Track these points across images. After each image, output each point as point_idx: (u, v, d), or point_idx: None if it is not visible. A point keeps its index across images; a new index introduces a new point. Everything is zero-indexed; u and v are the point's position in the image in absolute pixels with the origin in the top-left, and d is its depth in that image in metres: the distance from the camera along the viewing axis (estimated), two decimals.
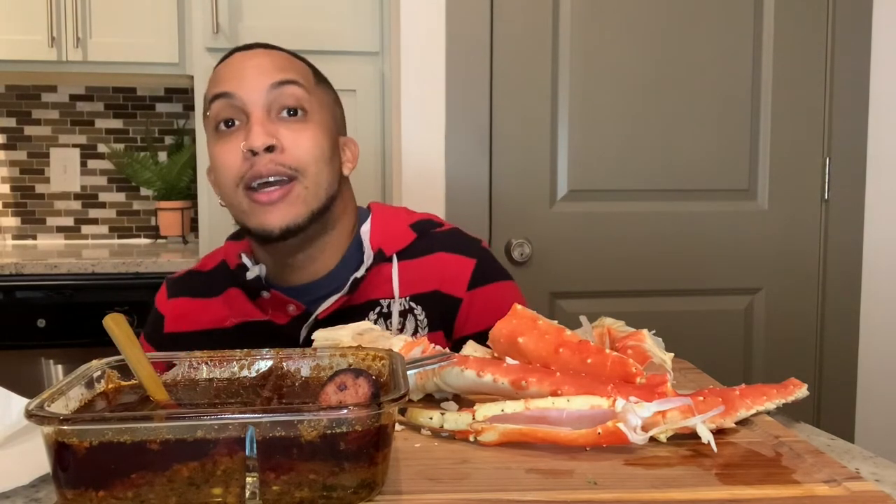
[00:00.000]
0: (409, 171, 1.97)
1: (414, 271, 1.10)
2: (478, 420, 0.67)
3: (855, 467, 0.66)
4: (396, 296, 1.08)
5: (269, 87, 1.02)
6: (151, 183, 2.78)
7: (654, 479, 0.61)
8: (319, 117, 1.06)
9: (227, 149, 1.03)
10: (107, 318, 0.67)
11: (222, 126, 1.04)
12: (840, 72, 2.06)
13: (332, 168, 1.07)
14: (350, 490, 0.56)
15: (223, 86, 1.04)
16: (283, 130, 1.02)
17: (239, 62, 1.06)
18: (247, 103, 1.02)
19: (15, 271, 2.22)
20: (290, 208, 1.02)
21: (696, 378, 0.92)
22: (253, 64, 1.05)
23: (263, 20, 2.30)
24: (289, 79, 1.04)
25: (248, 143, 1.00)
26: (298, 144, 1.02)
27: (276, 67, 1.04)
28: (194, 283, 1.17)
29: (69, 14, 2.38)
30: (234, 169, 1.02)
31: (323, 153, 1.05)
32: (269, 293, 1.09)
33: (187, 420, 0.54)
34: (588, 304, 2.02)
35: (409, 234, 1.13)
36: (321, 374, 0.71)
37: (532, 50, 1.98)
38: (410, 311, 1.08)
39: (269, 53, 1.07)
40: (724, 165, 2.07)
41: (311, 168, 1.03)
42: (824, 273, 2.11)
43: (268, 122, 1.02)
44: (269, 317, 1.09)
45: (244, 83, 1.03)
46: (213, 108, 1.04)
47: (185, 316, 1.14)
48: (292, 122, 1.03)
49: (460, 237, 1.16)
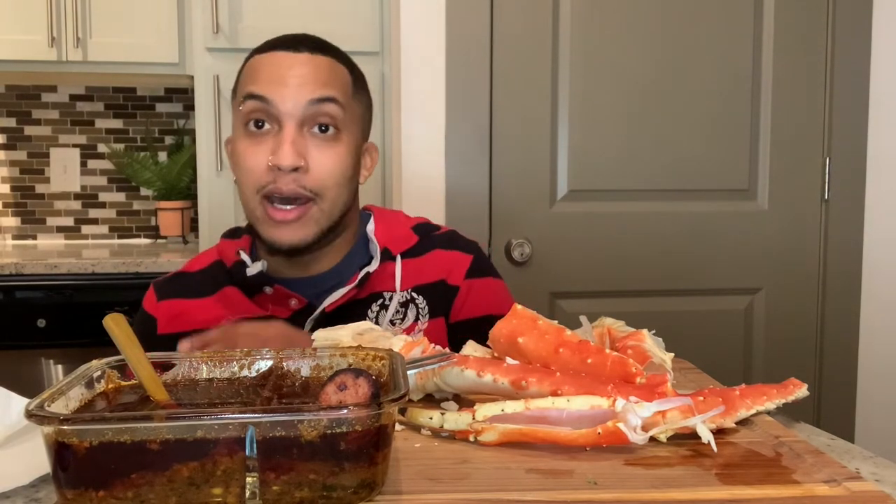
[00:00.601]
0: (410, 171, 1.98)
1: (415, 267, 1.14)
2: (478, 420, 0.67)
3: (855, 467, 0.66)
4: (398, 289, 1.11)
5: (307, 102, 1.02)
6: (151, 183, 2.78)
7: (654, 479, 0.61)
8: (349, 133, 1.07)
9: (254, 152, 1.03)
10: (107, 318, 0.67)
11: (252, 126, 1.04)
12: (840, 72, 2.06)
13: (351, 185, 1.09)
14: (350, 490, 0.56)
15: (261, 87, 1.03)
16: (311, 149, 1.03)
17: (283, 67, 1.04)
18: (282, 113, 1.02)
19: (15, 271, 2.22)
20: (302, 229, 1.04)
21: (696, 378, 0.92)
22: (296, 74, 1.03)
23: (263, 20, 2.30)
24: (328, 96, 1.03)
25: (276, 159, 1.01)
26: (324, 166, 1.03)
27: (317, 81, 1.04)
28: (184, 284, 1.16)
29: (69, 14, 2.38)
30: (258, 177, 1.03)
31: (345, 173, 1.06)
32: (271, 288, 1.09)
33: (187, 420, 0.54)
34: (588, 304, 2.02)
35: (412, 236, 1.16)
36: (321, 374, 0.71)
37: (532, 50, 1.98)
38: (412, 300, 1.11)
39: (313, 61, 1.05)
40: (724, 165, 2.07)
41: (332, 191, 1.05)
42: (824, 273, 2.11)
43: (299, 139, 1.02)
44: (269, 313, 1.09)
45: (284, 93, 1.02)
46: (246, 105, 1.04)
47: (179, 317, 1.12)
48: (322, 141, 1.04)
49: (457, 237, 1.20)
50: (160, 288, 1.17)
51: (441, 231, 1.20)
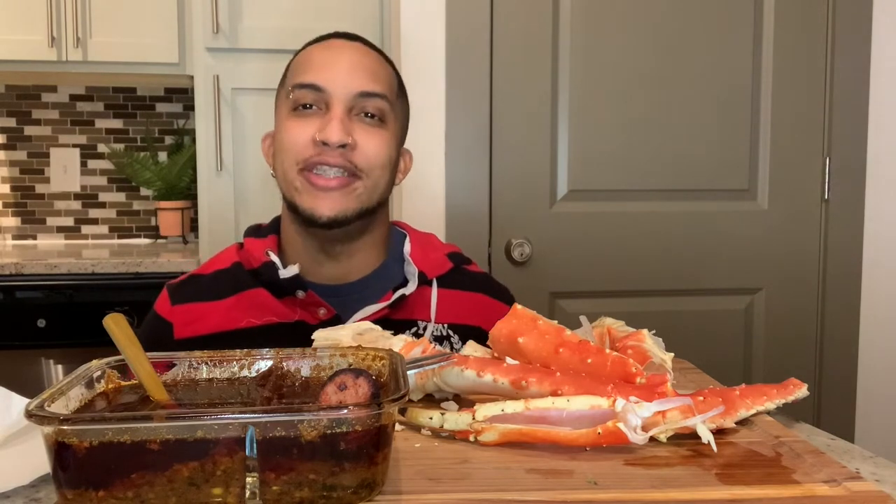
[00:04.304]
0: (410, 171, 1.97)
1: (453, 301, 1.12)
2: (478, 420, 0.67)
3: (855, 467, 0.66)
4: (433, 319, 1.10)
5: (357, 93, 1.03)
6: (151, 183, 2.78)
7: (654, 479, 0.61)
8: (394, 127, 1.08)
9: (300, 128, 1.03)
10: (107, 318, 0.67)
11: (300, 108, 1.05)
12: (840, 72, 2.06)
13: (390, 175, 1.09)
14: (350, 490, 0.56)
15: (314, 76, 1.04)
16: (358, 130, 1.04)
17: (336, 51, 1.06)
18: (332, 98, 1.03)
19: (15, 271, 2.22)
20: (343, 199, 1.03)
21: (696, 378, 0.92)
22: (348, 59, 1.05)
23: (263, 20, 2.30)
24: (378, 92, 1.05)
25: (325, 134, 1.01)
26: (371, 146, 1.04)
27: (368, 73, 1.05)
28: (199, 286, 1.12)
29: (69, 14, 2.38)
30: (301, 150, 1.03)
31: (390, 159, 1.07)
32: (304, 293, 1.07)
33: (187, 420, 0.54)
34: (588, 304, 2.02)
35: (447, 262, 1.16)
36: (321, 374, 0.71)
37: (532, 49, 1.98)
38: (448, 337, 1.10)
39: (368, 53, 1.08)
40: (724, 165, 2.07)
41: (376, 171, 1.05)
42: (824, 273, 2.11)
43: (346, 120, 1.03)
44: (297, 318, 1.07)
45: (336, 79, 1.03)
46: (296, 94, 1.05)
47: (196, 321, 1.09)
48: (369, 125, 1.05)
49: (494, 282, 1.21)
50: (174, 291, 1.13)
51: (474, 269, 1.20)
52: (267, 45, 2.28)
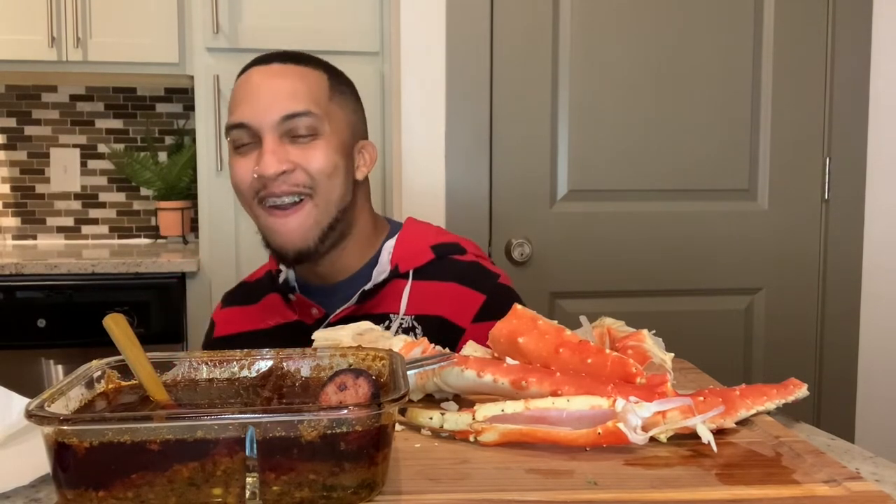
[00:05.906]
0: (410, 171, 1.97)
1: (425, 293, 1.12)
2: (478, 420, 0.67)
3: (855, 467, 0.66)
4: (402, 312, 1.10)
5: (280, 118, 1.04)
6: (151, 183, 2.78)
7: (654, 479, 0.61)
8: (333, 134, 1.08)
9: (244, 165, 1.07)
10: (107, 318, 0.67)
11: (240, 146, 1.08)
12: (840, 72, 2.06)
13: (344, 180, 1.09)
14: (350, 490, 0.56)
15: (239, 115, 1.06)
16: (293, 151, 1.05)
17: (254, 84, 1.07)
18: (260, 130, 1.05)
19: (15, 271, 2.22)
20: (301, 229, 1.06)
21: (696, 378, 0.92)
22: (266, 87, 1.06)
23: (263, 20, 2.30)
24: (300, 111, 1.05)
25: (260, 169, 1.04)
26: (310, 163, 1.05)
27: (287, 95, 1.05)
28: (242, 292, 1.25)
29: (69, 14, 2.38)
30: (248, 187, 1.07)
31: (335, 169, 1.07)
32: (294, 296, 1.14)
33: (187, 420, 0.54)
34: (588, 304, 2.02)
35: (427, 253, 1.14)
36: (321, 374, 0.71)
37: (532, 50, 1.98)
38: (413, 329, 1.10)
39: (284, 71, 1.08)
40: (724, 165, 2.06)
41: (324, 184, 1.06)
42: (824, 273, 2.11)
43: (279, 148, 1.04)
44: (296, 318, 1.14)
45: (257, 111, 1.05)
46: (231, 135, 1.08)
47: (230, 322, 1.21)
48: (304, 143, 1.06)
49: (478, 271, 1.15)
50: (225, 297, 1.27)
51: (465, 258, 1.16)
52: (267, 45, 2.27)
